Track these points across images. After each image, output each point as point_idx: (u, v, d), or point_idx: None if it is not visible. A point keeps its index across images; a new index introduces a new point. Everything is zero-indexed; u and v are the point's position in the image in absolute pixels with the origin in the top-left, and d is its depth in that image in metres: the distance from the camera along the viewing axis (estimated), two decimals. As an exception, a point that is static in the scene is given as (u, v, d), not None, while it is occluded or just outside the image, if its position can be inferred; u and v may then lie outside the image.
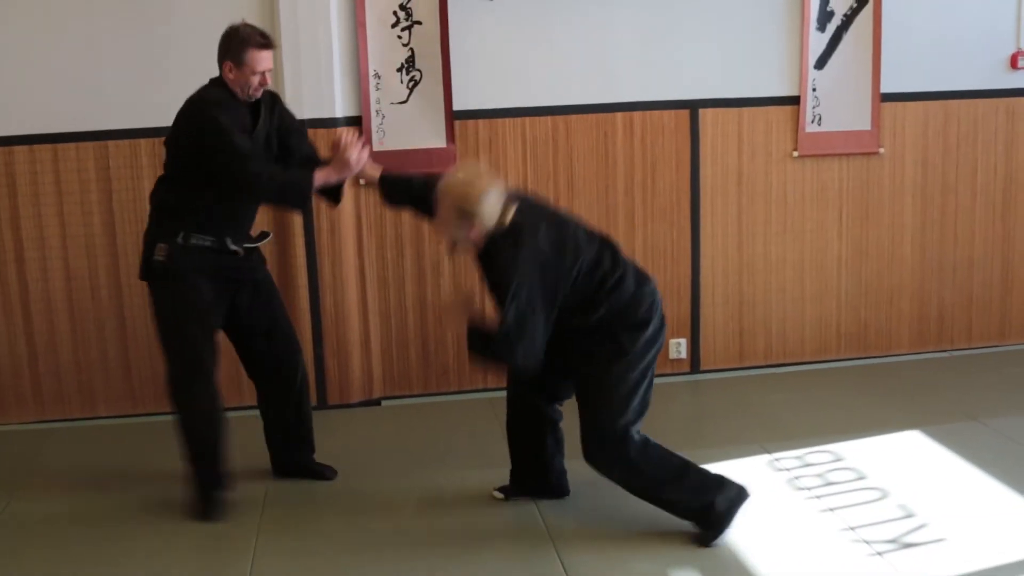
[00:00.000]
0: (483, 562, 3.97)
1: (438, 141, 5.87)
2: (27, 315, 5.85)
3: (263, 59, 4.33)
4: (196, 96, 4.42)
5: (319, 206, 5.76)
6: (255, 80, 4.35)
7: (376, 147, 5.80)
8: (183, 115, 4.42)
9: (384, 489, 4.75)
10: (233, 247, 4.55)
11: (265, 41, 4.34)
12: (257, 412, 4.94)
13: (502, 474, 4.73)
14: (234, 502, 4.54)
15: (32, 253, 5.79)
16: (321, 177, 4.42)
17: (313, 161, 4.66)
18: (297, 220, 5.77)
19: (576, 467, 4.76)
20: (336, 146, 4.44)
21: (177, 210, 4.46)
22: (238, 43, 4.31)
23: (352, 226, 5.87)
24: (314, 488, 4.76)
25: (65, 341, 5.88)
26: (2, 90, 5.64)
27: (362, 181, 4.62)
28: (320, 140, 5.65)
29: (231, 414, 5.49)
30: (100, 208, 5.78)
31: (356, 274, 5.92)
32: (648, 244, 6.10)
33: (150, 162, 5.73)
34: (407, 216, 5.89)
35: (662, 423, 5.50)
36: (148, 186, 5.63)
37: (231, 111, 4.36)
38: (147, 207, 5.68)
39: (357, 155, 4.42)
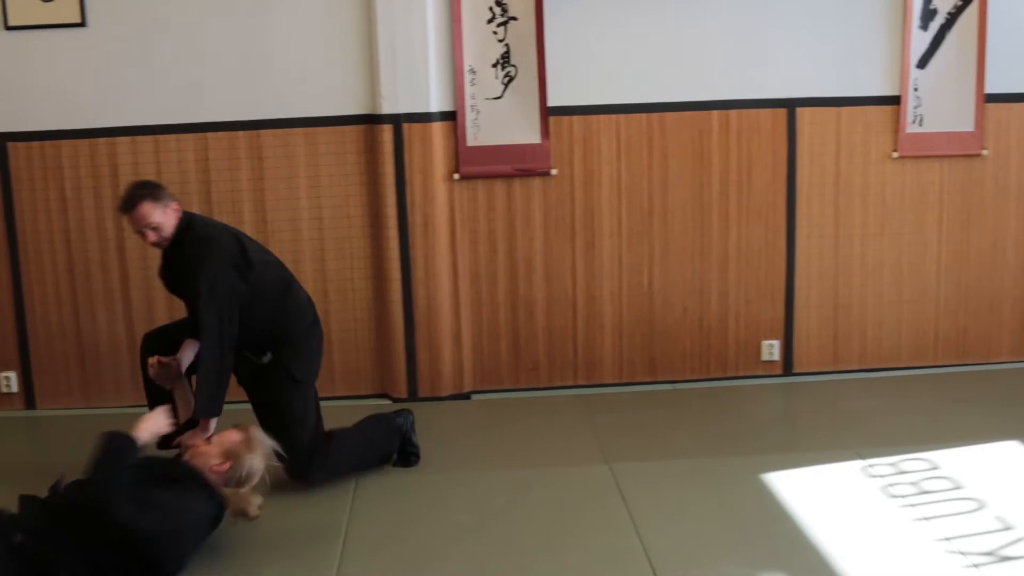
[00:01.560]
0: (569, 560, 3.99)
1: (532, 137, 5.89)
2: (127, 302, 6.02)
3: (129, 220, 4.61)
4: None
5: (413, 200, 5.83)
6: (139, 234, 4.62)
7: (470, 142, 5.86)
8: None
9: (472, 481, 4.82)
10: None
11: (123, 207, 4.57)
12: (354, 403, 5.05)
13: (593, 471, 4.78)
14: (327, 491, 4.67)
15: (133, 242, 5.93)
16: None
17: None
18: (391, 212, 5.85)
19: (677, 468, 4.80)
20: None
21: None
22: None
23: (446, 221, 5.92)
24: (404, 478, 4.84)
25: (163, 329, 6.02)
26: (107, 84, 5.82)
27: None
28: (415, 135, 5.73)
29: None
30: (199, 199, 5.90)
31: (449, 268, 5.97)
32: (742, 245, 6.07)
33: (247, 154, 5.86)
34: (501, 212, 5.95)
35: (753, 425, 5.50)
36: (245, 177, 5.85)
37: None
38: (243, 199, 5.86)
39: None
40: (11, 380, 6.11)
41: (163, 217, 4.54)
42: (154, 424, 4.16)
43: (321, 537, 4.27)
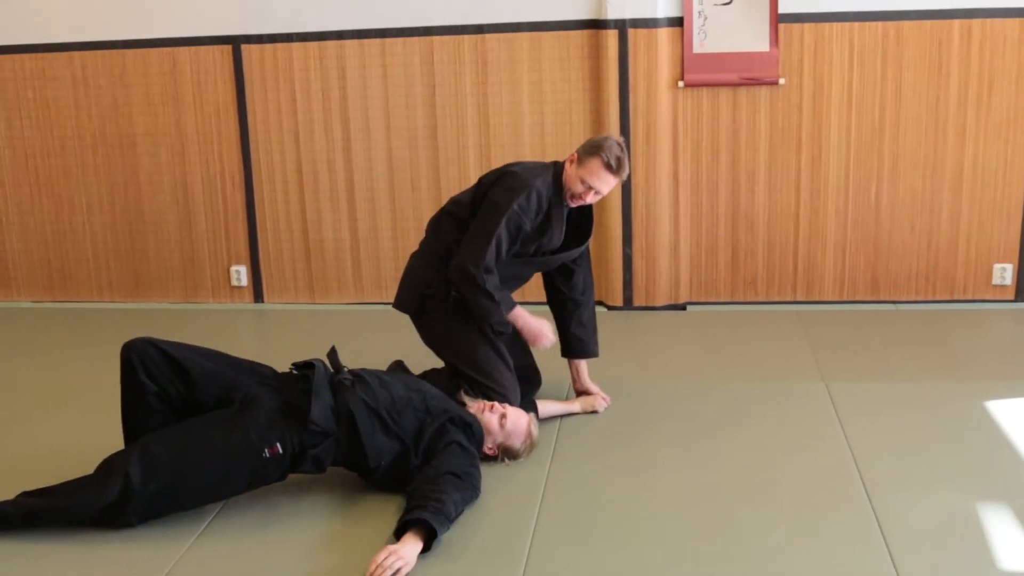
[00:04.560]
0: (780, 476, 4.08)
1: (760, 45, 5.92)
2: (351, 203, 6.37)
3: (598, 177, 4.31)
4: (530, 177, 4.39)
5: (636, 107, 5.94)
6: (579, 187, 4.34)
7: (697, 49, 5.94)
8: (509, 176, 4.43)
9: (685, 392, 4.97)
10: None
11: (612, 166, 4.28)
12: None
13: (809, 388, 4.89)
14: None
15: (358, 144, 6.27)
16: (515, 316, 4.50)
17: (577, 306, 4.75)
18: (614, 120, 6.00)
19: (897, 390, 4.82)
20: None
21: None
22: (594, 148, 4.31)
23: (668, 128, 6.03)
24: (616, 386, 4.97)
25: (385, 229, 6.38)
26: (338, -15, 6.11)
27: None
28: (640, 41, 5.82)
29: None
30: (423, 103, 6.18)
31: (670, 177, 6.09)
32: (979, 161, 5.99)
33: (472, 58, 6.10)
34: (725, 121, 6.02)
35: (980, 350, 5.48)
36: (469, 82, 6.05)
37: (542, 212, 4.38)
38: (466, 104, 6.07)
39: (545, 340, 4.57)
40: (241, 274, 6.58)
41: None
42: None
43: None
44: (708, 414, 4.68)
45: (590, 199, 4.39)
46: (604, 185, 4.34)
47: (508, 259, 4.41)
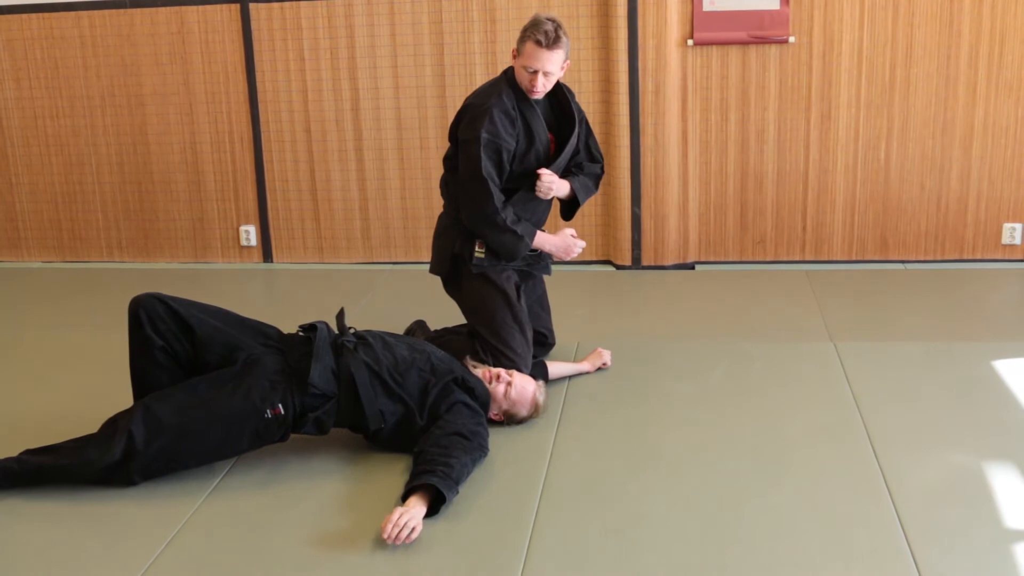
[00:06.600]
0: (787, 435, 4.08)
1: (771, 3, 5.90)
2: (360, 162, 6.37)
3: (536, 57, 4.20)
4: (484, 100, 4.32)
5: (645, 66, 5.91)
6: (525, 76, 4.26)
7: (707, 7, 5.91)
8: (467, 111, 4.38)
9: (693, 351, 4.98)
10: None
11: (544, 40, 4.17)
12: (579, 269, 5.12)
13: (817, 348, 4.89)
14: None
15: (367, 103, 6.26)
16: (540, 243, 4.49)
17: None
18: (623, 79, 5.98)
19: (906, 349, 4.80)
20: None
21: None
22: (523, 32, 4.24)
23: (677, 88, 6.00)
24: (624, 346, 4.99)
25: (394, 188, 6.37)
26: (346, -57, 6.07)
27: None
28: None
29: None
30: (432, 61, 6.16)
31: (679, 136, 6.07)
32: (988, 120, 5.96)
33: (480, 16, 6.09)
34: (734, 80, 6.00)
35: (989, 310, 5.48)
36: (478, 40, 6.04)
37: (516, 122, 4.33)
38: (475, 63, 6.06)
39: (576, 248, 4.60)
40: (250, 234, 6.58)
41: (560, 71, 4.34)
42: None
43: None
44: (716, 374, 4.69)
45: (541, 84, 4.27)
46: (547, 63, 4.21)
47: (525, 190, 4.41)
